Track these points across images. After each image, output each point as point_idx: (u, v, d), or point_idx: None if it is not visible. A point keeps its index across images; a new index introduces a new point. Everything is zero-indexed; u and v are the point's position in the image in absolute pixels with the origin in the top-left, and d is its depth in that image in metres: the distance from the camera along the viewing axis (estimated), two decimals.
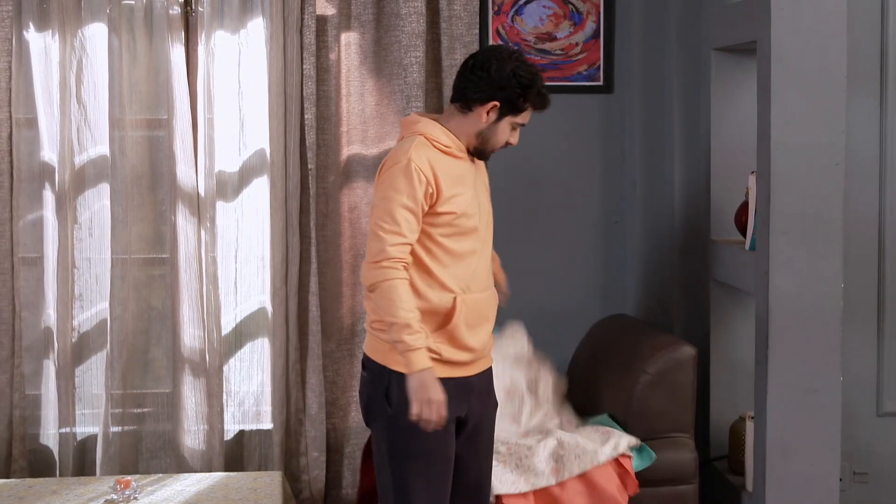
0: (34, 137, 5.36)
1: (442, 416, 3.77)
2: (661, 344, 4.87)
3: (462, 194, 3.86)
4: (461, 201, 3.85)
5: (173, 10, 5.30)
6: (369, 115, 5.42)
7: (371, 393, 3.93)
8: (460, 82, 3.92)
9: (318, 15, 5.34)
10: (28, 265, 5.41)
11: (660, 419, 4.81)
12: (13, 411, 5.37)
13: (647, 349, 4.88)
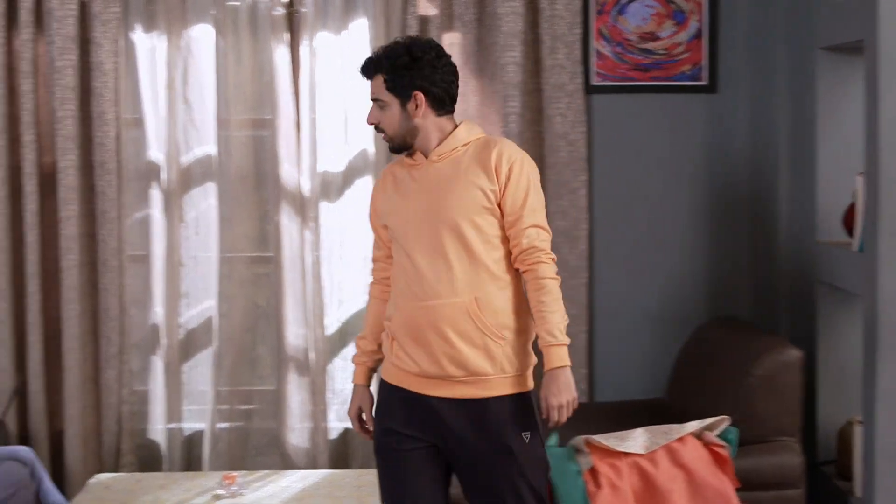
0: (141, 137, 5.50)
1: (359, 425, 3.91)
2: (767, 346, 4.87)
3: (394, 202, 3.79)
4: (391, 210, 3.79)
5: (277, 11, 5.40)
6: (472, 114, 5.48)
7: None
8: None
9: (420, 15, 5.41)
10: (135, 263, 5.56)
11: (766, 422, 4.81)
12: (121, 407, 5.52)
13: (753, 352, 4.88)
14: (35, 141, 5.41)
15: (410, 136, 3.70)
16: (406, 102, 3.66)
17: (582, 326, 5.50)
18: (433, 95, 3.66)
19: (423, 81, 3.64)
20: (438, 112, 3.69)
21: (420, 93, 3.65)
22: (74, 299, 5.43)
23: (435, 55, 3.67)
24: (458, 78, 3.74)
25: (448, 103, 3.70)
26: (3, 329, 5.46)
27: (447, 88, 3.68)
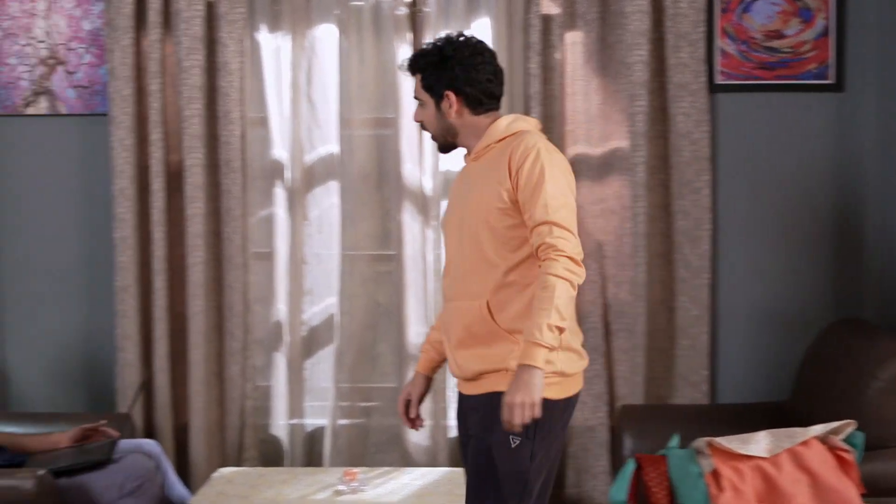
0: (265, 136, 5.58)
1: (404, 413, 3.96)
2: (893, 349, 4.81)
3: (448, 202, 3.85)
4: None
5: (400, 11, 5.45)
6: (594, 114, 5.48)
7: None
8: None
9: (542, 14, 5.42)
10: (260, 260, 5.64)
11: (892, 427, 4.75)
12: (245, 402, 5.61)
13: (880, 354, 4.81)
14: (162, 139, 5.51)
15: (450, 135, 3.72)
16: (440, 102, 3.67)
17: (703, 328, 5.48)
18: (466, 95, 3.65)
19: (454, 81, 3.64)
20: (475, 111, 3.68)
21: (452, 92, 3.65)
22: (200, 295, 5.53)
23: (468, 53, 3.64)
24: (499, 75, 3.70)
25: (487, 101, 3.68)
26: (131, 324, 5.56)
27: (483, 87, 3.65)
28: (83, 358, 5.78)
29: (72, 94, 5.67)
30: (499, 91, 3.70)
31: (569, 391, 3.61)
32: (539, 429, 3.53)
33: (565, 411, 3.63)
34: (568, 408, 3.64)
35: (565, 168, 3.58)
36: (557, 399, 3.56)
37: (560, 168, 3.54)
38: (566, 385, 3.60)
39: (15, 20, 5.64)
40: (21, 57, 5.66)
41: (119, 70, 5.46)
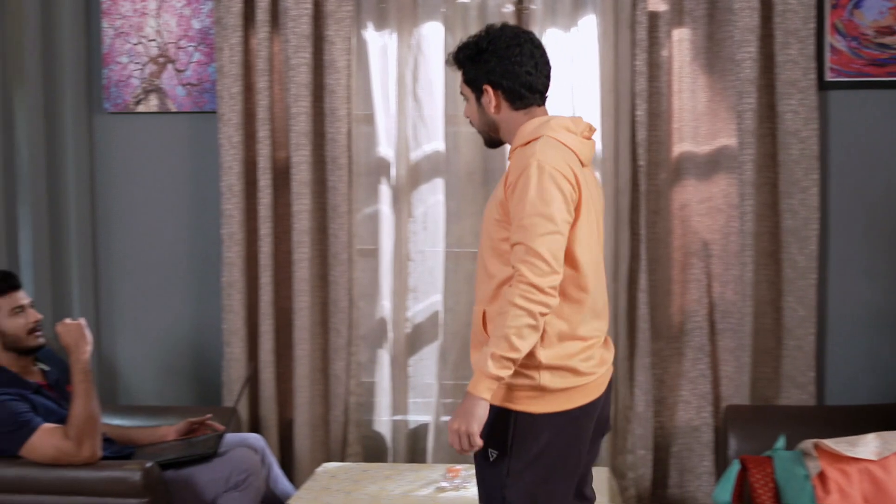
0: (371, 133, 5.63)
1: None
2: None
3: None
4: None
5: (506, 8, 5.47)
6: (701, 111, 5.46)
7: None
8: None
9: (649, 11, 5.40)
10: (365, 256, 5.69)
11: None
12: (349, 397, 5.66)
13: None
14: (269, 137, 5.58)
15: (493, 132, 3.61)
16: (480, 97, 3.57)
17: (810, 328, 5.42)
18: (504, 89, 3.52)
19: (490, 75, 3.51)
20: (515, 106, 3.54)
21: (489, 86, 3.53)
22: (305, 291, 5.59)
23: (504, 45, 3.51)
24: (543, 67, 3.54)
25: (529, 96, 3.53)
26: (237, 319, 5.64)
27: (523, 80, 3.50)
28: (190, 352, 5.88)
29: (181, 91, 5.76)
30: (541, 84, 3.55)
31: (557, 406, 3.46)
32: (516, 444, 3.46)
33: (556, 427, 3.47)
34: (560, 423, 3.47)
35: (563, 187, 3.36)
36: (539, 413, 3.45)
37: (555, 187, 3.35)
38: (552, 400, 3.46)
39: (126, 19, 5.75)
40: (132, 56, 5.77)
41: (227, 68, 5.54)
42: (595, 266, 3.53)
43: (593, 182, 3.61)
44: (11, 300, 4.70)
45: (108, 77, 5.80)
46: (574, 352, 3.46)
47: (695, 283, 5.50)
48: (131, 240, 5.89)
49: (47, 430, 4.55)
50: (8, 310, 4.69)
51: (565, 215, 3.35)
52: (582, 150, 3.50)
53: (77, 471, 4.54)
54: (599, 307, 3.55)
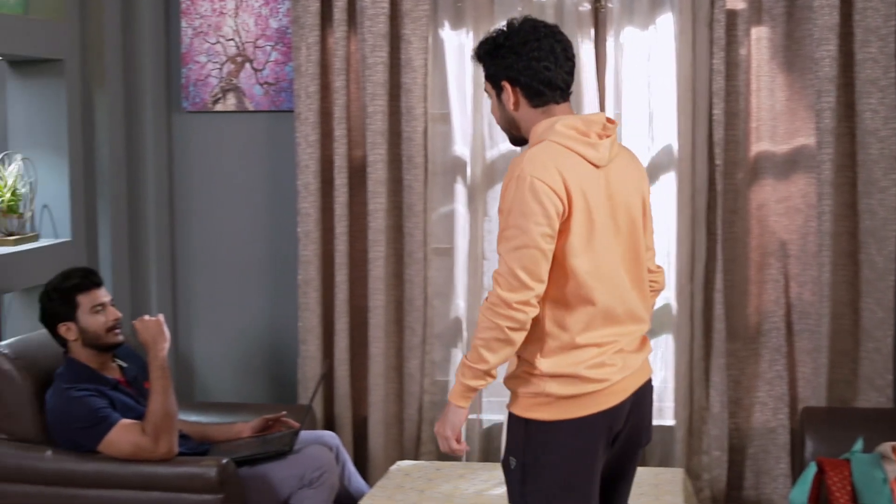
0: (447, 132, 5.66)
1: None
2: None
3: None
4: None
5: (583, 7, 5.47)
6: (779, 110, 5.43)
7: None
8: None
9: (728, 9, 5.38)
10: (440, 255, 5.72)
11: None
12: (423, 396, 5.69)
13: None
14: (346, 135, 5.62)
15: (514, 129, 3.51)
16: (500, 93, 3.47)
17: (889, 330, 5.37)
18: (522, 85, 3.40)
19: (508, 71, 3.40)
20: (533, 103, 3.42)
21: (507, 83, 3.42)
22: (380, 290, 5.62)
23: (519, 40, 3.39)
24: (560, 63, 3.40)
25: (548, 92, 3.40)
26: (313, 317, 5.69)
27: (542, 76, 3.38)
28: (266, 350, 5.93)
29: (259, 90, 5.82)
30: (561, 79, 3.41)
31: (568, 413, 3.39)
32: (530, 451, 3.43)
33: (569, 434, 3.40)
34: (573, 431, 3.40)
35: (543, 201, 3.26)
36: (550, 420, 3.39)
37: (534, 200, 3.25)
38: (562, 407, 3.39)
39: (205, 19, 5.82)
40: (210, 55, 5.84)
41: (305, 67, 5.59)
42: (608, 272, 3.41)
43: (619, 180, 3.46)
44: (92, 298, 4.76)
45: (187, 76, 5.87)
46: (579, 360, 3.38)
47: (772, 283, 5.47)
48: (208, 238, 5.96)
49: (125, 426, 4.62)
50: (89, 307, 4.75)
51: (544, 229, 3.26)
52: (593, 153, 3.38)
53: (154, 466, 4.59)
54: (619, 312, 3.44)
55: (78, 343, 4.74)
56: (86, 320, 4.74)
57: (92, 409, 4.61)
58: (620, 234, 3.45)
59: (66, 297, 4.74)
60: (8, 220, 5.23)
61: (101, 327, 4.75)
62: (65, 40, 5.37)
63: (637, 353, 3.51)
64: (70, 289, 4.75)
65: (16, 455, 4.67)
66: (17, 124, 5.45)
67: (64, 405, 4.63)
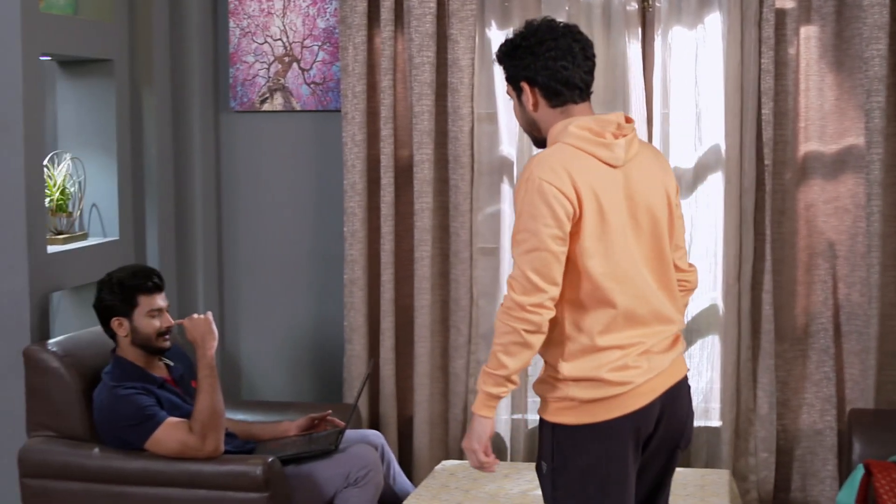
0: (494, 132, 5.67)
1: None
2: None
3: None
4: None
5: (631, 7, 5.47)
6: (828, 110, 5.40)
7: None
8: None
9: (776, 8, 5.36)
10: (486, 255, 5.73)
11: None
12: (468, 395, 5.70)
13: None
14: (392, 135, 5.64)
15: (535, 131, 3.51)
16: (521, 95, 3.47)
17: None
18: (540, 85, 3.40)
19: (525, 71, 3.41)
20: (551, 103, 3.42)
21: (526, 83, 3.42)
22: (426, 289, 5.64)
23: (536, 41, 3.40)
24: (579, 62, 3.39)
25: (567, 92, 3.40)
26: (358, 316, 5.71)
27: (558, 76, 3.37)
28: (312, 349, 5.96)
29: (306, 90, 5.85)
30: (579, 78, 3.40)
31: (593, 417, 3.38)
32: (558, 456, 3.42)
33: (595, 438, 3.39)
34: (599, 435, 3.39)
35: (552, 203, 3.26)
36: (576, 425, 3.39)
37: (543, 202, 3.26)
38: (587, 411, 3.38)
39: (253, 19, 5.85)
40: (258, 55, 5.87)
41: (352, 67, 5.61)
42: (628, 273, 3.39)
43: (640, 179, 3.45)
44: (152, 301, 4.80)
45: (235, 76, 5.91)
46: (601, 363, 3.36)
47: (820, 284, 5.44)
48: (255, 236, 6.00)
49: (172, 424, 4.65)
50: (146, 310, 4.78)
51: (554, 231, 3.26)
52: (608, 154, 3.37)
53: (200, 464, 4.62)
54: (642, 313, 3.41)
55: (126, 340, 4.78)
56: (140, 321, 4.77)
57: (139, 407, 4.65)
58: (642, 234, 3.43)
59: (128, 294, 4.77)
60: (57, 219, 5.29)
61: (153, 331, 4.78)
62: (114, 41, 5.42)
63: (666, 354, 3.48)
64: (133, 287, 4.79)
65: (63, 452, 4.71)
66: (67, 124, 5.50)
67: (111, 403, 4.67)
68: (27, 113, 4.81)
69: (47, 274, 4.99)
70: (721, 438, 5.48)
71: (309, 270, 5.97)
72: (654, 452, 3.53)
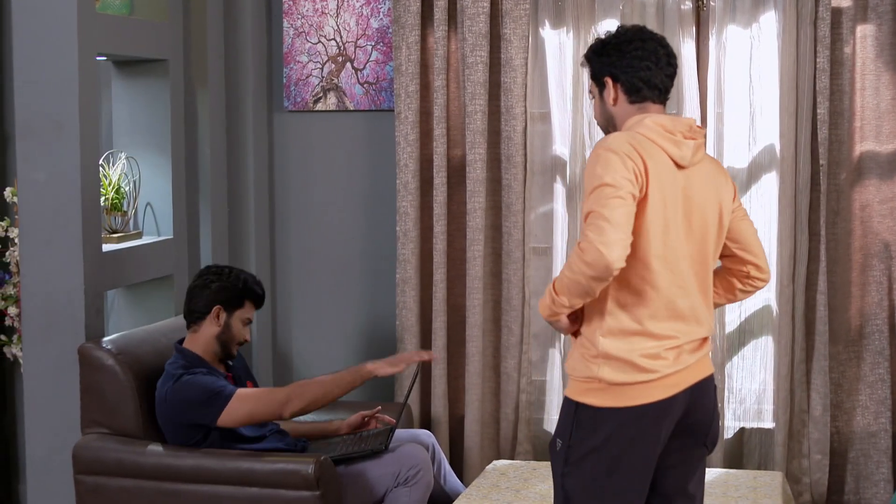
0: (547, 131, 5.67)
1: None
2: None
3: None
4: None
5: (685, 6, 5.46)
6: (884, 109, 5.37)
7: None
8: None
9: (832, 7, 5.34)
10: (538, 255, 5.74)
11: None
12: (520, 395, 5.71)
13: None
14: (445, 134, 5.66)
15: (612, 126, 3.62)
16: (603, 90, 3.60)
17: None
18: (622, 81, 3.54)
19: (610, 67, 3.55)
20: (631, 99, 3.56)
21: (609, 79, 3.56)
22: (478, 289, 5.66)
23: (623, 40, 3.55)
24: (661, 66, 3.54)
25: (646, 90, 3.54)
26: (410, 315, 5.74)
27: (641, 75, 3.52)
28: (364, 348, 5.99)
29: (359, 90, 5.88)
30: (660, 81, 3.56)
31: (617, 401, 3.44)
32: (575, 435, 3.49)
33: (616, 423, 3.46)
34: (621, 420, 3.45)
35: (625, 161, 3.34)
36: (599, 407, 3.45)
37: (617, 157, 3.34)
38: (613, 394, 3.44)
39: (306, 19, 5.90)
40: (311, 55, 5.92)
41: (405, 66, 5.64)
42: (677, 265, 3.47)
43: (699, 185, 3.54)
44: (251, 313, 4.93)
45: (288, 76, 5.96)
46: (635, 347, 3.43)
47: (875, 285, 5.42)
48: (307, 236, 6.04)
49: (243, 394, 4.72)
50: (245, 316, 4.91)
51: (628, 178, 3.32)
52: (676, 151, 3.48)
53: (251, 462, 4.66)
54: (683, 308, 3.48)
55: (213, 331, 4.86)
56: (236, 322, 4.88)
57: (205, 387, 4.70)
58: (693, 237, 3.51)
59: (242, 294, 4.89)
60: (112, 218, 5.35)
61: (238, 337, 4.89)
62: (168, 41, 5.48)
63: (693, 353, 3.55)
64: (249, 291, 4.91)
65: (116, 449, 4.76)
66: (122, 124, 5.57)
67: (178, 390, 4.72)
68: (83, 113, 4.88)
69: (102, 272, 5.05)
70: (774, 440, 5.46)
71: (361, 270, 6.00)
72: (679, 449, 3.59)
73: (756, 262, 3.74)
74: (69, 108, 4.86)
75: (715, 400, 3.67)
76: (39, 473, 5.03)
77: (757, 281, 3.76)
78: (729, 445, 5.58)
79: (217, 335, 4.86)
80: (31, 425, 5.02)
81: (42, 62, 4.86)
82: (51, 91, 4.87)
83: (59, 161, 4.88)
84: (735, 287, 3.77)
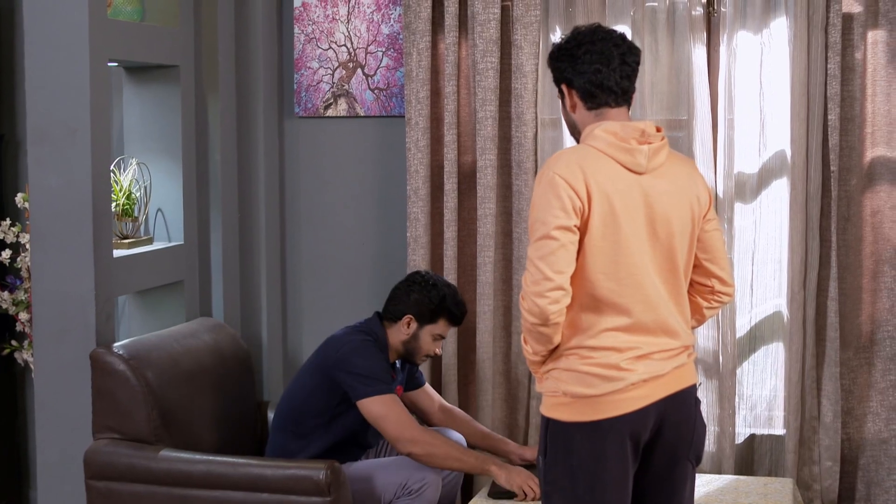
0: (558, 137, 5.68)
1: None
2: None
3: None
4: None
5: (696, 11, 5.46)
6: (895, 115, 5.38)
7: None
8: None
9: (843, 13, 5.35)
10: None
11: None
12: (530, 402, 5.72)
13: None
14: (456, 141, 5.67)
15: (575, 132, 3.64)
16: (563, 97, 3.62)
17: None
18: (577, 87, 3.54)
19: (564, 73, 3.56)
20: (587, 106, 3.55)
21: (565, 85, 3.58)
22: (489, 294, 5.67)
23: (574, 45, 3.54)
24: (614, 66, 3.49)
25: (601, 94, 3.52)
26: None
27: (591, 78, 3.50)
28: None
29: (370, 96, 5.91)
30: (614, 82, 3.52)
31: (582, 415, 3.46)
32: (549, 451, 3.53)
33: (582, 437, 3.47)
34: (586, 434, 3.46)
35: (560, 194, 3.37)
36: (566, 421, 3.48)
37: (553, 193, 3.37)
38: (577, 408, 3.46)
39: (317, 25, 5.92)
40: (322, 61, 5.94)
41: (416, 72, 5.66)
42: (635, 278, 3.46)
43: (664, 191, 3.52)
44: (444, 330, 5.07)
45: (299, 82, 5.98)
46: (595, 360, 3.44)
47: (886, 291, 5.42)
48: (318, 242, 6.06)
49: (392, 401, 4.83)
50: (436, 332, 5.04)
51: (562, 221, 3.36)
52: (629, 158, 3.46)
53: (263, 468, 4.69)
54: (646, 320, 3.48)
55: (399, 334, 5.01)
56: (425, 336, 5.02)
57: (377, 366, 4.86)
58: (658, 244, 3.51)
59: (439, 311, 5.02)
60: (123, 224, 5.38)
61: (426, 350, 5.05)
62: (179, 47, 5.50)
63: (666, 361, 3.52)
64: (447, 310, 5.04)
65: (128, 454, 4.79)
66: (133, 129, 5.60)
67: (356, 346, 4.89)
68: (94, 118, 4.90)
69: (113, 278, 5.07)
70: (785, 447, 5.47)
71: (372, 276, 6.02)
72: (658, 463, 3.58)
73: (720, 276, 3.71)
74: (81, 113, 4.89)
75: (696, 411, 3.64)
76: (51, 479, 5.05)
77: (722, 296, 3.74)
78: (739, 452, 5.59)
79: (404, 341, 5.01)
80: (43, 430, 5.04)
81: (54, 68, 4.89)
82: (62, 97, 4.90)
83: (71, 167, 4.91)
84: (702, 307, 3.76)
